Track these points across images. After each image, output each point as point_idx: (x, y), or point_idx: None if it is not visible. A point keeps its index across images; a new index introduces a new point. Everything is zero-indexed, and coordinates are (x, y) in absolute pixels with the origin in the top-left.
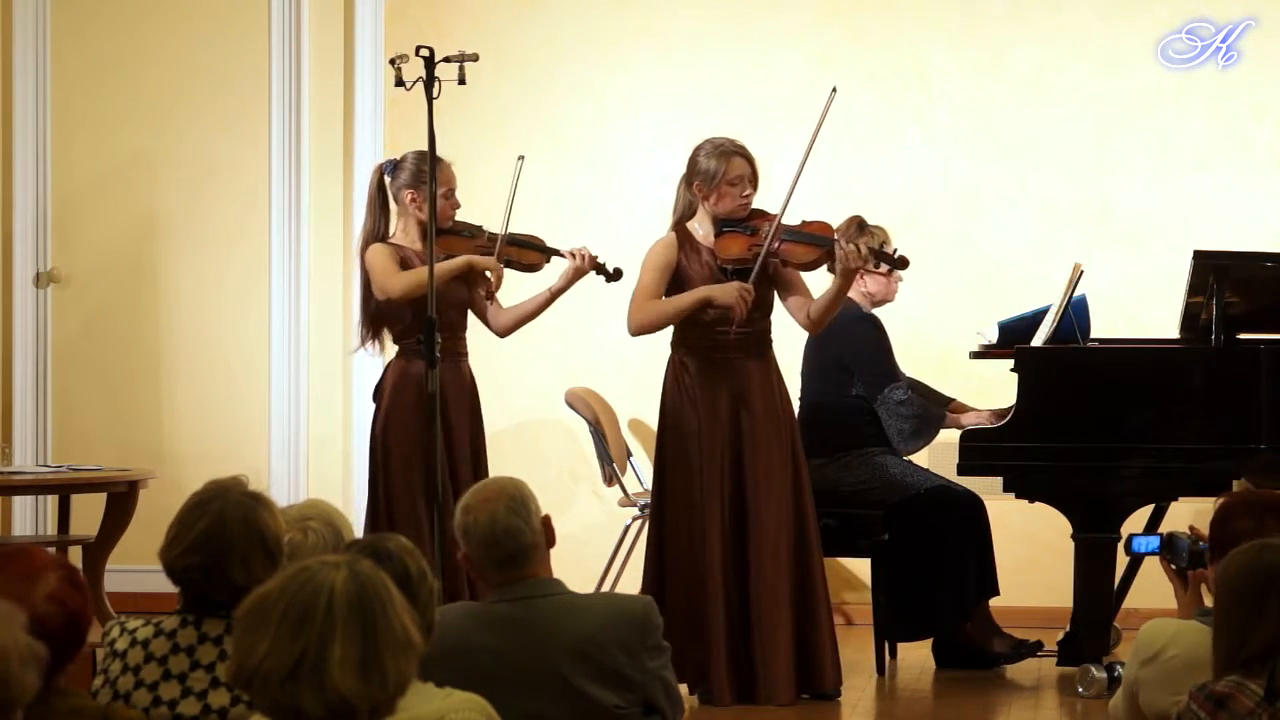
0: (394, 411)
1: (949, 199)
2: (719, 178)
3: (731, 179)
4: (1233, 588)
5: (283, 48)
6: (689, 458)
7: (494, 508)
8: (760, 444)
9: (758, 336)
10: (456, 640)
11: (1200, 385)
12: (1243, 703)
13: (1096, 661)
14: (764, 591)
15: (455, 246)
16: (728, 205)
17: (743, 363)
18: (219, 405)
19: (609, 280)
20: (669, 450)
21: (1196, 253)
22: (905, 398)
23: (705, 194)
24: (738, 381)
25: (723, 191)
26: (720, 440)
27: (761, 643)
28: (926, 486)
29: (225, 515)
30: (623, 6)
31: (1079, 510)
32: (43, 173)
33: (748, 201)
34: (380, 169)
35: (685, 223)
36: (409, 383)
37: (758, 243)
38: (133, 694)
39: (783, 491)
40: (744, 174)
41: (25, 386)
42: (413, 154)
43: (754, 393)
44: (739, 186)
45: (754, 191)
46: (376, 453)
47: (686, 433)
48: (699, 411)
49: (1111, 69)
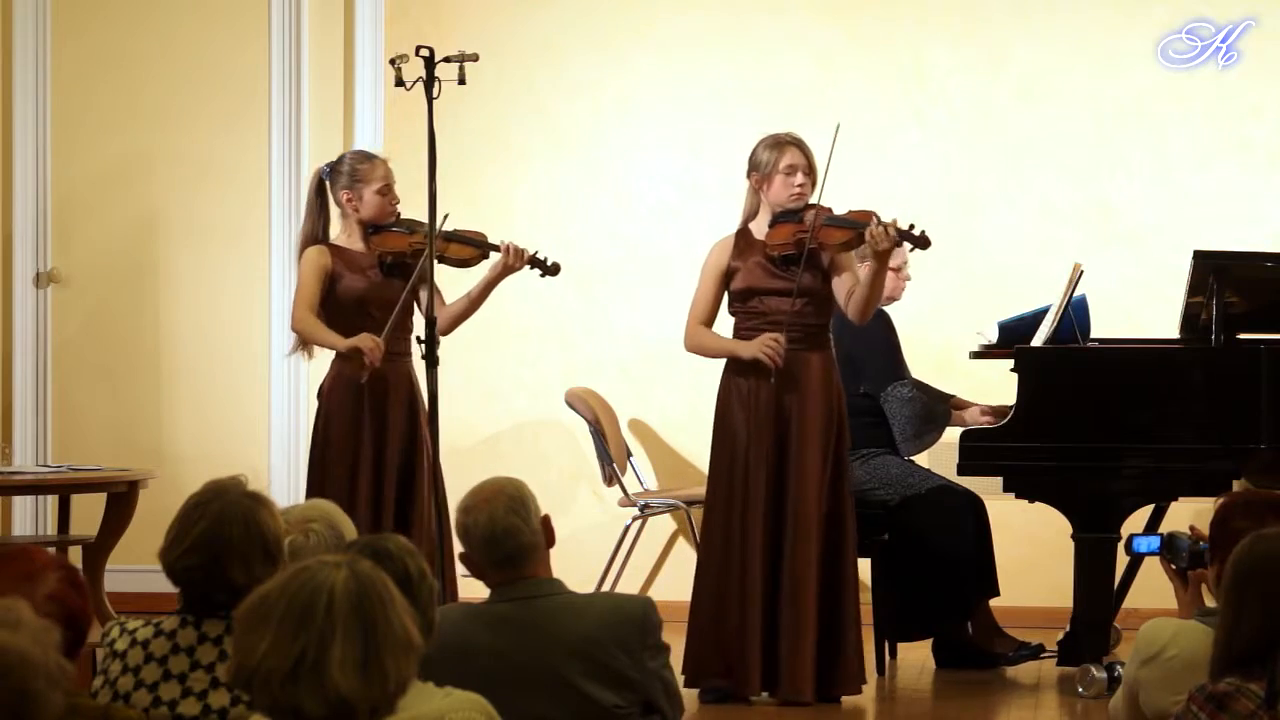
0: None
1: (949, 199)
2: (772, 166)
3: (784, 168)
4: (1227, 579)
5: (283, 48)
6: (732, 452)
7: (493, 508)
8: (806, 437)
9: (813, 330)
10: (456, 640)
11: (1200, 385)
12: (1244, 704)
13: (1096, 661)
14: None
15: (390, 243)
16: (780, 194)
17: (796, 355)
18: (219, 405)
19: (544, 274)
20: (715, 443)
21: (1196, 253)
22: (910, 395)
23: (759, 183)
24: (790, 374)
25: (774, 180)
26: (766, 432)
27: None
28: (927, 487)
29: (225, 516)
30: (623, 6)
31: (1079, 510)
32: (43, 173)
33: (801, 192)
34: (319, 172)
35: (749, 224)
36: (342, 383)
37: (804, 229)
38: (132, 694)
39: (820, 487)
40: (797, 163)
41: (25, 386)
42: (349, 155)
43: (806, 386)
44: (791, 175)
45: (808, 183)
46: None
47: (732, 426)
48: (746, 405)
49: (1111, 69)
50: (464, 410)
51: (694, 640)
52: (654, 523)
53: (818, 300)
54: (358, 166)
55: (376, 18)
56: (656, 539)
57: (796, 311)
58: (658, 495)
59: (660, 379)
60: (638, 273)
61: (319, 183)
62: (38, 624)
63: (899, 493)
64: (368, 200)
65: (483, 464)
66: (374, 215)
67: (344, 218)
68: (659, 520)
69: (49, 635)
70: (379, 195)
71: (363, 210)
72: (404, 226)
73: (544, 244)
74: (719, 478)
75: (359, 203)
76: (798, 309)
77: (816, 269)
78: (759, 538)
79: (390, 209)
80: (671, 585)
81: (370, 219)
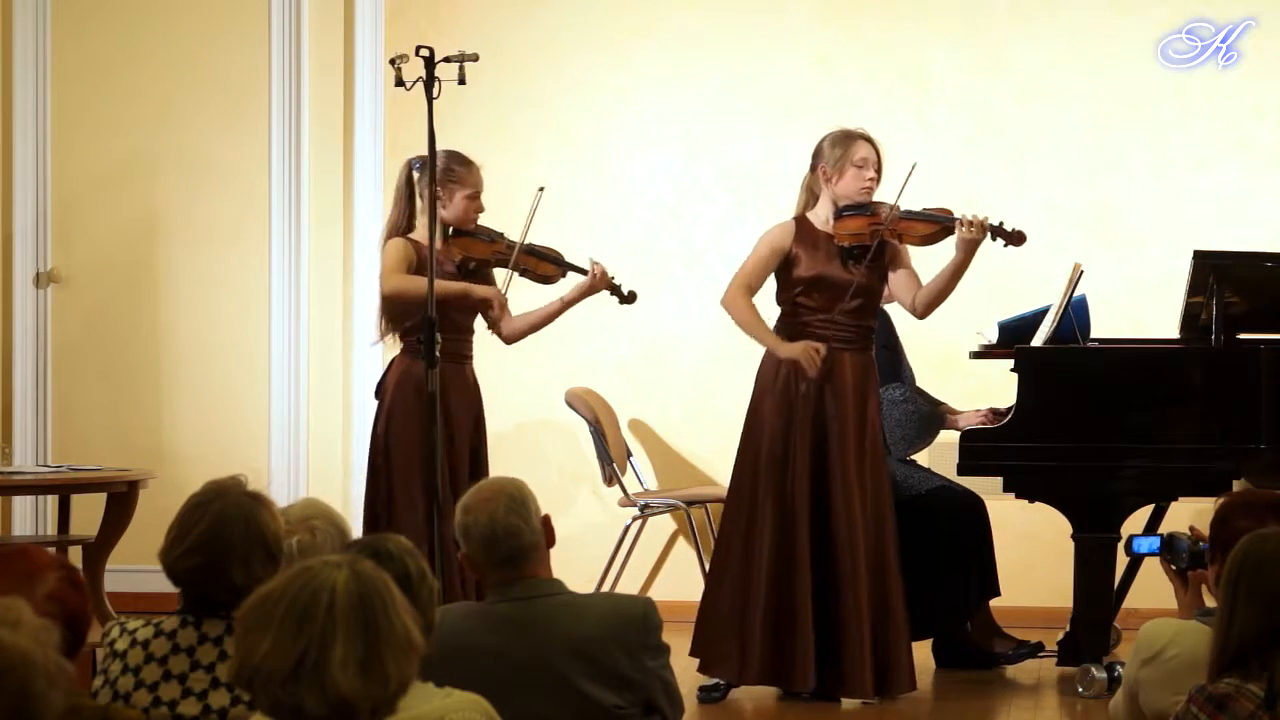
0: (396, 410)
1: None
2: (844, 158)
3: (857, 160)
4: (1228, 578)
5: (283, 48)
6: (758, 448)
7: (494, 508)
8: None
9: (860, 330)
10: (456, 640)
11: (1200, 385)
12: (1244, 705)
13: (1096, 661)
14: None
15: (473, 249)
16: (852, 185)
17: (839, 354)
18: (219, 405)
19: (622, 302)
20: (743, 436)
21: (1196, 253)
22: (904, 396)
23: (829, 175)
24: (832, 372)
25: (846, 171)
26: (803, 429)
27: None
28: (927, 487)
29: (225, 516)
30: (623, 6)
31: (1079, 510)
32: (43, 173)
33: (871, 186)
34: (409, 165)
35: (807, 213)
36: (410, 381)
37: (878, 221)
38: (133, 694)
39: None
40: (869, 157)
41: (25, 386)
42: (446, 153)
43: (845, 385)
44: (864, 168)
45: (877, 178)
46: (378, 450)
47: (763, 422)
48: (779, 401)
49: (1111, 69)
50: None
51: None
52: (654, 523)
53: (872, 300)
54: (454, 167)
55: (376, 18)
56: (656, 539)
57: (850, 310)
58: (658, 495)
59: (660, 379)
60: (638, 272)
61: (409, 174)
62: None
63: (899, 493)
64: (456, 203)
65: None
66: (458, 218)
67: (425, 214)
68: (659, 520)
69: (48, 635)
70: (467, 200)
71: (449, 211)
72: (485, 234)
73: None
74: (749, 467)
75: (447, 203)
76: (850, 308)
77: (877, 268)
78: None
79: (474, 215)
80: (671, 585)
81: (454, 221)
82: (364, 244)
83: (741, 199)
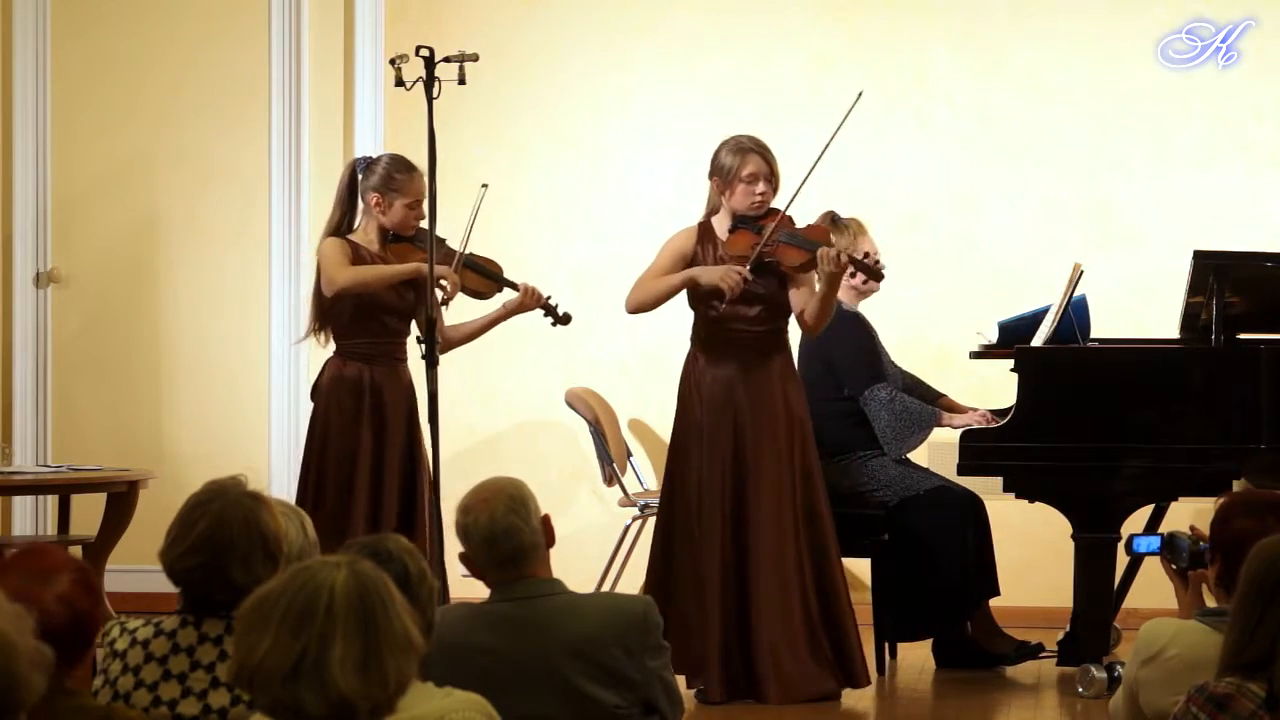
0: (331, 412)
1: (949, 199)
2: (734, 173)
3: (745, 176)
4: (1247, 582)
5: (283, 48)
6: (689, 452)
7: (493, 507)
8: (764, 441)
9: (771, 335)
10: (456, 640)
11: (1200, 385)
12: (1245, 705)
13: (1096, 661)
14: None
15: (412, 256)
16: (741, 201)
17: (755, 360)
18: (219, 405)
19: (555, 324)
20: (674, 443)
21: (1196, 253)
22: (890, 397)
23: (721, 189)
24: (748, 378)
25: (736, 187)
26: (724, 435)
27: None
28: (926, 487)
29: (225, 516)
30: (623, 6)
31: (1079, 510)
32: (43, 173)
33: (763, 200)
34: (354, 165)
35: (711, 218)
36: (343, 384)
37: (759, 241)
38: (132, 694)
39: (784, 489)
40: (759, 171)
41: (25, 386)
42: (388, 158)
43: (762, 390)
44: (753, 184)
45: (770, 190)
46: (312, 451)
47: (690, 427)
48: (704, 407)
49: (1111, 69)
50: (464, 410)
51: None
52: (654, 523)
53: (778, 308)
54: (395, 175)
55: (376, 18)
56: None
57: (755, 316)
58: (657, 495)
59: (660, 379)
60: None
61: (352, 174)
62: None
63: (898, 493)
64: (395, 209)
65: (483, 464)
66: (397, 225)
67: (366, 215)
68: None
69: (24, 621)
70: (407, 209)
71: (388, 217)
72: (423, 241)
73: (544, 243)
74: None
75: (386, 209)
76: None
77: (773, 276)
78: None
79: (414, 223)
80: None
81: (392, 227)
82: None
83: None
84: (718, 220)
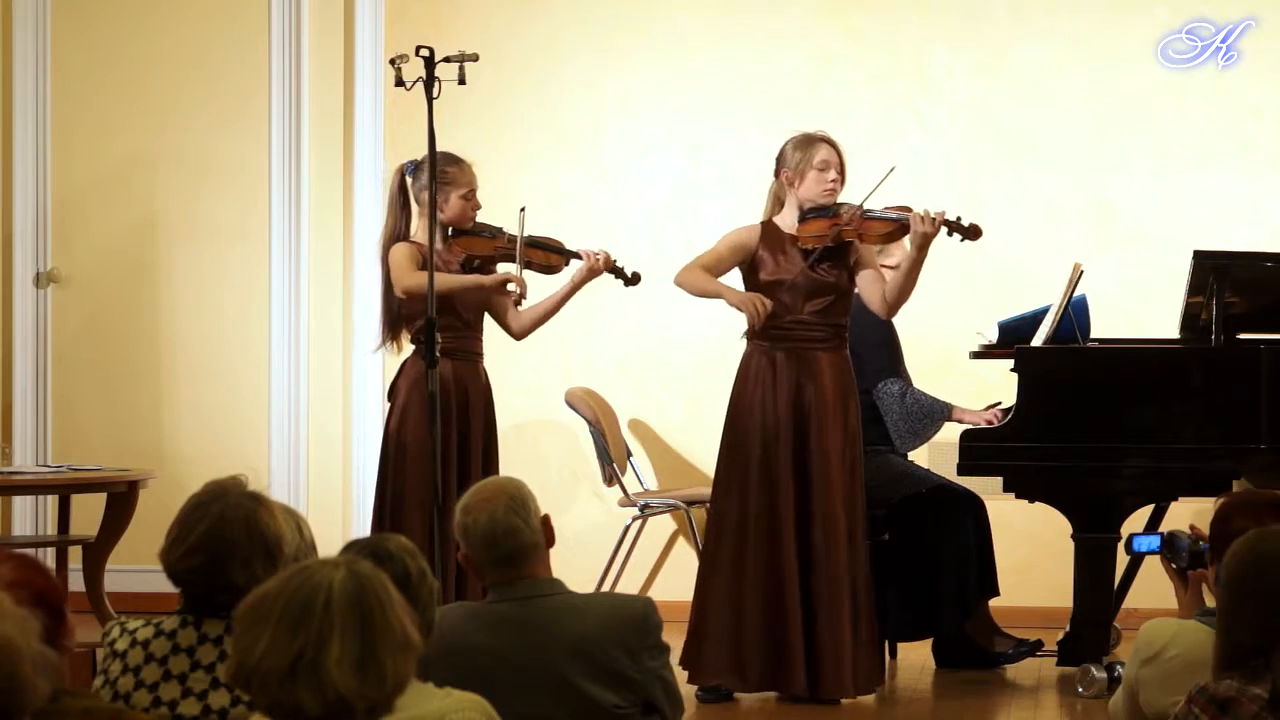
0: (410, 408)
1: (949, 199)
2: (805, 162)
3: (817, 163)
4: (1228, 576)
5: (283, 48)
6: (746, 445)
7: (493, 507)
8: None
9: (832, 330)
10: (456, 640)
11: (1200, 385)
12: (1247, 707)
13: (1096, 661)
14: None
15: (475, 246)
16: (813, 189)
17: (812, 353)
18: (219, 405)
19: (627, 284)
20: (728, 436)
21: (1196, 253)
22: (902, 390)
23: (791, 179)
24: (809, 369)
25: (807, 175)
26: (783, 427)
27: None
28: (927, 486)
29: (226, 516)
30: (623, 6)
31: (1079, 510)
32: (43, 173)
33: (833, 189)
34: (402, 169)
35: (774, 218)
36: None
37: (839, 222)
38: (133, 694)
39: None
40: (830, 159)
41: (25, 386)
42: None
43: (825, 384)
44: (825, 170)
45: (840, 180)
46: (389, 448)
47: (746, 419)
48: (762, 399)
49: (1111, 69)
50: None
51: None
52: (654, 523)
53: (841, 299)
54: (445, 169)
55: (376, 18)
56: (656, 539)
57: (819, 310)
58: (658, 495)
59: (660, 379)
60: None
61: (401, 179)
62: (18, 613)
63: (899, 492)
64: (452, 203)
65: None
66: (455, 218)
67: (422, 216)
68: (659, 520)
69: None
70: (463, 200)
71: (446, 213)
72: (486, 231)
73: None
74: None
75: (444, 204)
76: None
77: (843, 268)
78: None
79: (472, 214)
80: (671, 585)
81: (451, 221)
82: (364, 244)
83: (741, 199)
84: (781, 218)
